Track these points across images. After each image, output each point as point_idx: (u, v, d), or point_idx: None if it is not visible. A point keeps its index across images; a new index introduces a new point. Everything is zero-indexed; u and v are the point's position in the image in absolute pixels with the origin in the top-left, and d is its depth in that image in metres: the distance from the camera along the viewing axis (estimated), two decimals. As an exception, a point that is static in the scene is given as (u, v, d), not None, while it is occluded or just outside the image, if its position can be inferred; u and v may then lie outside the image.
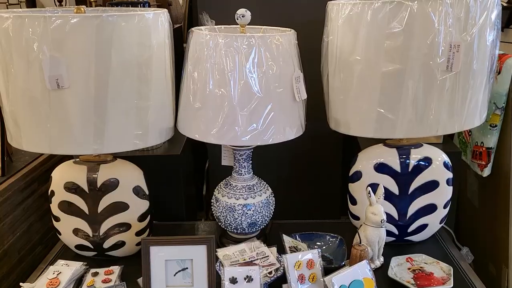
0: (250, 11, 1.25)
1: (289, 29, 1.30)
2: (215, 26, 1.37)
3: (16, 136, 1.21)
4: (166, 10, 1.25)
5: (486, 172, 1.56)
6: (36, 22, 1.09)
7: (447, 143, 1.65)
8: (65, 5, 2.51)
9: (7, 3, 1.50)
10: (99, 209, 1.32)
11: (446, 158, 1.36)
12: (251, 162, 1.37)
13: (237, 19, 1.27)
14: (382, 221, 1.24)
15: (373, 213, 1.26)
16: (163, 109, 1.27)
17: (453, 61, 1.16)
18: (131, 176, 1.34)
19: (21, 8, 1.57)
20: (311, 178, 1.99)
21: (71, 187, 1.31)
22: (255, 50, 1.16)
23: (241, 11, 1.26)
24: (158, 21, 1.21)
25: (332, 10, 1.25)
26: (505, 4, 5.85)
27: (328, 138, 1.88)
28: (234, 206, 1.32)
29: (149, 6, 1.56)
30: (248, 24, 1.31)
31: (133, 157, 1.47)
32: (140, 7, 1.52)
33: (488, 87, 1.27)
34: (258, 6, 1.72)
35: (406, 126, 1.21)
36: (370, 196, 1.24)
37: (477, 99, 1.24)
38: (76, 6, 1.24)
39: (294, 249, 1.32)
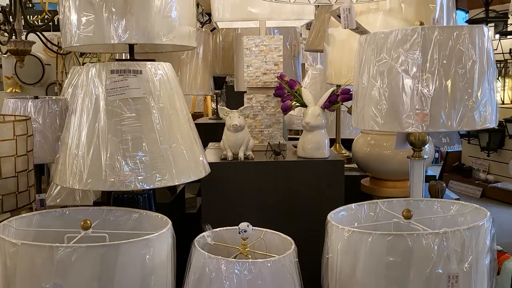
0: (251, 214, 1.28)
1: (290, 240, 1.33)
2: (217, 230, 1.41)
3: None
4: (170, 226, 1.29)
5: None
6: (43, 251, 1.12)
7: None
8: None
9: (16, 173, 1.57)
10: None
11: None
12: None
13: (239, 233, 1.30)
14: None
15: None
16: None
17: (452, 291, 1.17)
18: None
19: (27, 172, 1.63)
20: None
21: None
22: (256, 277, 1.17)
23: (243, 226, 1.30)
24: (161, 240, 1.24)
25: (331, 230, 1.29)
26: (496, 127, 6.06)
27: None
28: None
29: (154, 196, 1.62)
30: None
31: None
32: (146, 197, 1.58)
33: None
34: (259, 210, 1.78)
35: None
36: None
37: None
38: (83, 219, 1.29)
39: None
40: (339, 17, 1.52)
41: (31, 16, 5.56)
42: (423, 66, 1.39)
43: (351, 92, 1.77)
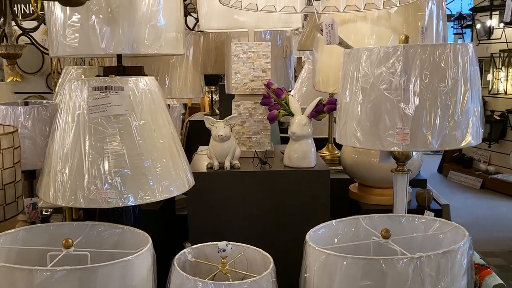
0: (237, 223, 1.29)
1: (269, 258, 1.34)
2: (199, 245, 1.42)
3: None
4: (150, 246, 1.30)
5: None
6: (23, 274, 1.15)
7: None
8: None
9: (3, 185, 1.59)
10: None
11: None
12: None
13: (218, 252, 1.32)
14: None
15: None
16: None
17: (425, 314, 1.18)
18: None
19: (15, 184, 1.66)
20: None
21: None
22: (232, 298, 1.19)
23: (222, 245, 1.32)
24: (140, 260, 1.26)
25: (309, 251, 1.30)
26: (498, 118, 6.02)
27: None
28: None
29: (139, 206, 1.64)
30: (231, 241, 1.37)
31: None
32: (131, 209, 1.60)
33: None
34: (245, 220, 1.81)
35: None
36: None
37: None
38: (64, 239, 1.31)
39: None
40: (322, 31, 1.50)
41: (27, 6, 5.51)
42: (405, 85, 1.38)
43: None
